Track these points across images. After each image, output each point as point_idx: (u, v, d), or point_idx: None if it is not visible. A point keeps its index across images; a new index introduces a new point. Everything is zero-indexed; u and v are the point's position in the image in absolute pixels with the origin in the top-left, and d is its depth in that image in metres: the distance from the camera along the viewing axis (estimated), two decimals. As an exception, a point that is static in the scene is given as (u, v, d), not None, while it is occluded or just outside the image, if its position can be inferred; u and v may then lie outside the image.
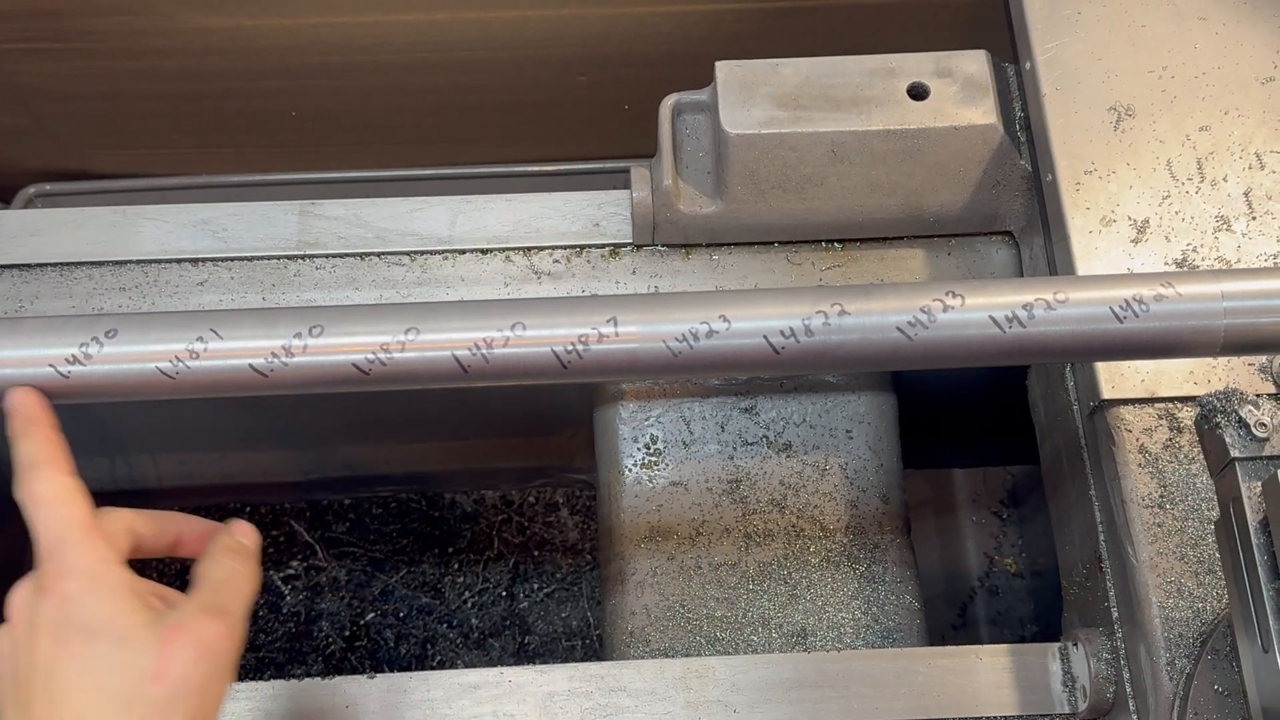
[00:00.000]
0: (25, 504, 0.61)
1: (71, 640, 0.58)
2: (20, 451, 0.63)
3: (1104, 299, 0.64)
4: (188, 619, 0.59)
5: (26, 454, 0.62)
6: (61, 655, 0.57)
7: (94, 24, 1.17)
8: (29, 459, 0.62)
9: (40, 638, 0.58)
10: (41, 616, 0.58)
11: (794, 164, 0.89)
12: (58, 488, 0.61)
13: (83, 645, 0.57)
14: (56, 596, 0.58)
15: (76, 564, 0.59)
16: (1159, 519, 0.76)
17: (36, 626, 0.58)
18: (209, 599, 0.61)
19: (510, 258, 0.94)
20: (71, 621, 0.58)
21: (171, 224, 0.94)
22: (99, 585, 0.59)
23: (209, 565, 0.63)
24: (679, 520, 0.91)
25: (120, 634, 0.58)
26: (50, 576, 0.59)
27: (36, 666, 0.58)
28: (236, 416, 1.13)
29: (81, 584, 0.59)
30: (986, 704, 0.80)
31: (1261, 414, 0.64)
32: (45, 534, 0.60)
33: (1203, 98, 0.88)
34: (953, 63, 0.90)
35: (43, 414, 0.64)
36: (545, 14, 1.18)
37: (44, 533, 0.60)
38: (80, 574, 0.59)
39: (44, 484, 0.61)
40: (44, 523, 0.61)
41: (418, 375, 0.65)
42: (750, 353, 0.65)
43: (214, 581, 0.62)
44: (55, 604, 0.58)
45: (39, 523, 0.61)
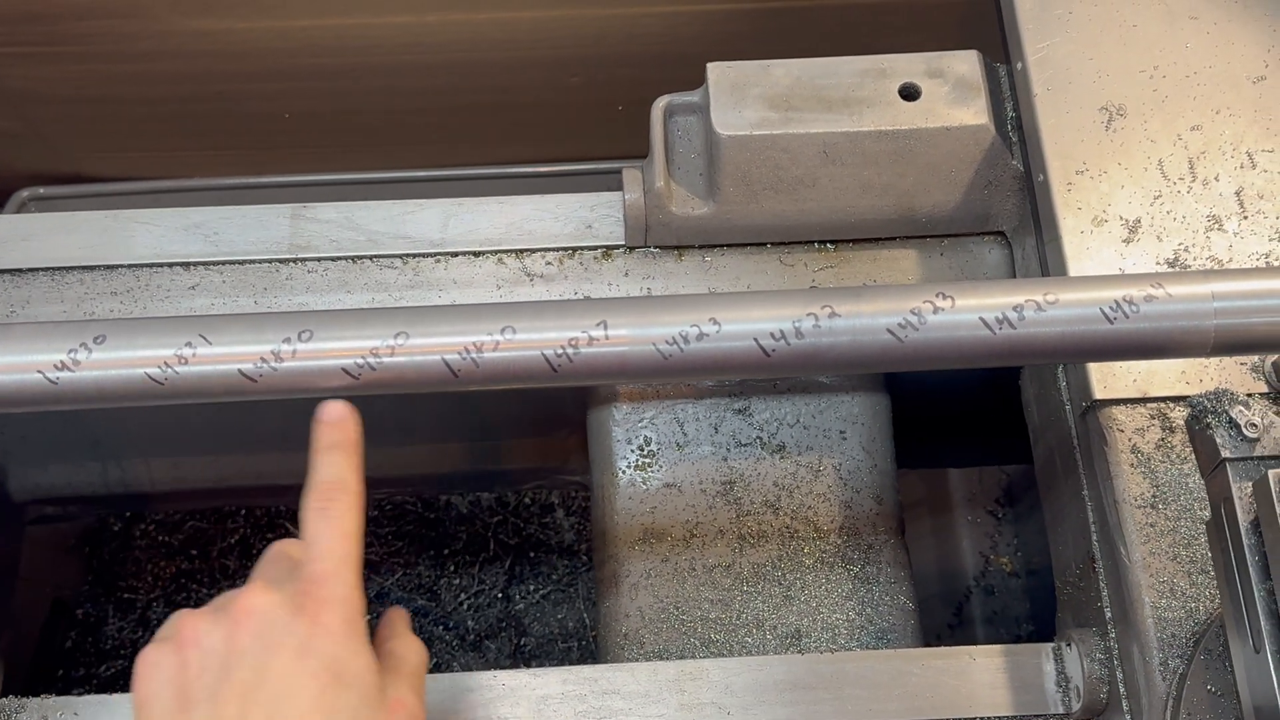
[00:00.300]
0: (314, 519, 0.61)
1: (320, 675, 0.57)
2: (327, 465, 0.63)
3: (1094, 300, 0.64)
4: (406, 697, 0.61)
5: (335, 473, 0.63)
6: (305, 683, 0.57)
7: (85, 27, 1.17)
8: (336, 479, 0.62)
9: (282, 654, 0.57)
10: (292, 635, 0.58)
11: (786, 165, 0.89)
12: (356, 522, 0.62)
13: (329, 683, 0.57)
14: (314, 625, 0.58)
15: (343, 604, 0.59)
16: (1151, 519, 0.76)
17: (281, 642, 0.57)
18: (416, 683, 0.63)
19: (503, 260, 0.94)
20: (323, 656, 0.58)
21: (163, 228, 0.94)
22: (357, 634, 0.59)
23: (407, 646, 0.64)
24: (673, 522, 0.91)
25: (365, 690, 0.58)
26: (312, 600, 0.59)
27: (267, 680, 0.57)
28: (230, 420, 1.13)
29: (343, 624, 0.59)
30: (980, 704, 0.80)
31: (1252, 414, 0.64)
32: (322, 558, 0.60)
33: (1194, 97, 0.88)
34: (944, 63, 0.90)
35: (359, 436, 0.64)
36: (537, 15, 1.18)
37: (321, 557, 0.60)
38: (344, 614, 0.59)
39: (345, 512, 0.62)
40: (328, 548, 0.60)
41: (407, 380, 0.65)
42: (741, 355, 0.65)
43: (414, 665, 0.64)
44: (310, 631, 0.58)
45: (322, 545, 0.60)
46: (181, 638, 0.60)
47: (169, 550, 1.49)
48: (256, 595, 0.59)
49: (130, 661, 1.42)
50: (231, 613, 0.59)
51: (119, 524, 1.49)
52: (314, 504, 0.62)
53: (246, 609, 0.59)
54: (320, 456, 0.63)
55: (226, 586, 1.46)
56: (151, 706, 0.58)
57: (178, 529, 1.50)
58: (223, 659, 0.58)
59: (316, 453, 0.63)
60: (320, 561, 0.60)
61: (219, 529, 1.50)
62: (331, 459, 0.63)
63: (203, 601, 1.48)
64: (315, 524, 0.61)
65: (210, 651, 0.58)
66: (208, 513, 1.51)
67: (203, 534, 1.50)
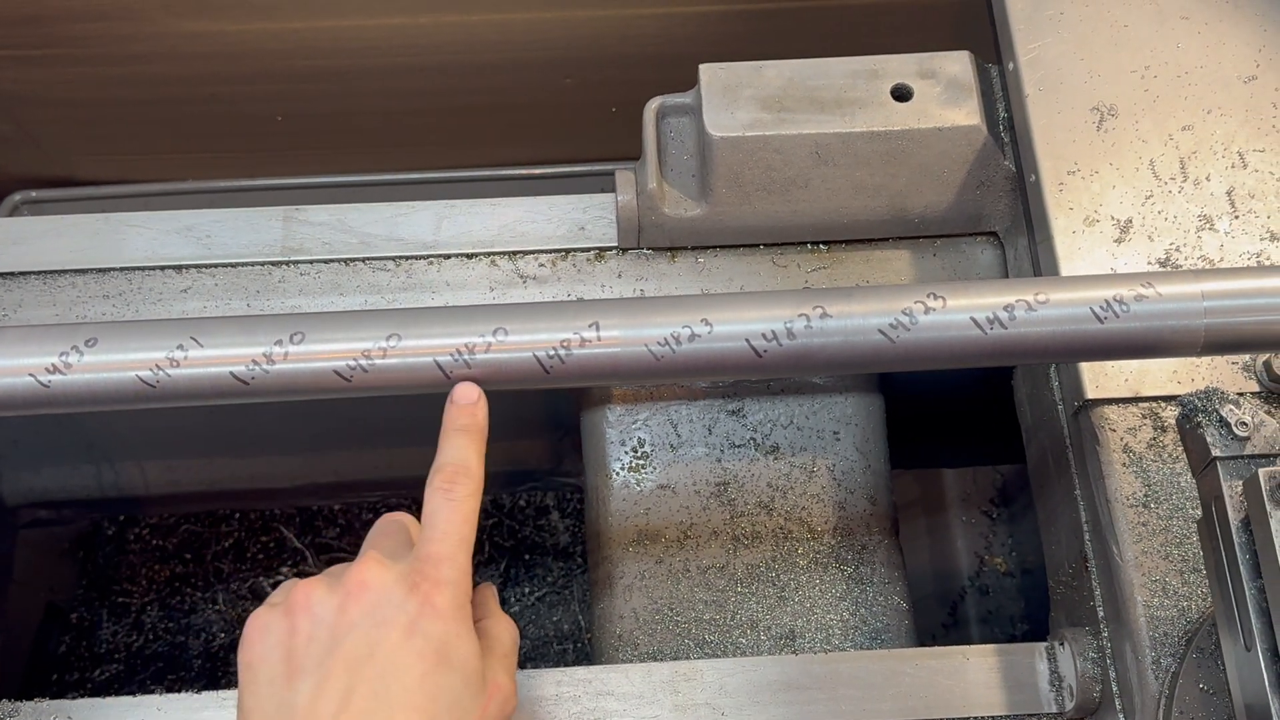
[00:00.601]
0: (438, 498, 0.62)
1: (428, 655, 0.58)
2: (455, 448, 0.64)
3: (1084, 299, 0.64)
4: (502, 679, 0.62)
5: (462, 455, 0.64)
6: (412, 662, 0.57)
7: (77, 30, 1.17)
8: (462, 461, 0.63)
9: (392, 631, 0.58)
10: (403, 612, 0.58)
11: (778, 166, 0.89)
12: (474, 508, 0.63)
13: (436, 664, 0.58)
14: (427, 604, 0.59)
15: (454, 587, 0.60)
16: (1143, 518, 0.76)
17: (392, 619, 0.58)
18: (509, 663, 0.64)
19: (496, 262, 0.94)
20: (431, 637, 0.58)
21: (155, 231, 0.94)
22: (465, 617, 0.60)
23: (500, 625, 0.65)
24: (667, 523, 0.91)
25: (468, 674, 0.59)
26: (426, 580, 0.59)
27: (375, 654, 0.57)
28: (224, 423, 1.13)
29: (453, 606, 0.59)
30: (974, 704, 0.80)
31: (1242, 413, 0.64)
32: (440, 538, 0.61)
33: (1185, 97, 0.88)
34: (936, 64, 0.90)
35: (485, 423, 0.65)
36: (530, 17, 1.18)
37: (439, 536, 0.61)
38: (455, 596, 0.60)
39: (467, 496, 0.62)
40: (446, 530, 0.61)
41: (400, 382, 0.65)
42: (733, 356, 0.65)
43: (507, 646, 0.64)
44: (423, 609, 0.59)
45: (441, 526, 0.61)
46: (293, 603, 0.60)
47: (163, 554, 1.49)
48: (371, 569, 0.60)
49: (124, 665, 1.42)
50: (346, 584, 0.60)
51: (113, 527, 1.49)
52: (439, 484, 0.63)
53: (361, 581, 0.59)
54: (449, 438, 0.64)
55: (221, 590, 1.47)
56: (258, 669, 0.59)
57: (172, 532, 1.50)
58: (333, 629, 0.58)
59: (446, 434, 0.64)
60: (438, 543, 0.61)
61: (213, 532, 1.50)
62: (460, 442, 0.64)
63: (197, 605, 1.48)
64: (438, 504, 0.62)
65: (321, 621, 0.59)
66: (201, 516, 1.51)
67: (197, 537, 1.50)
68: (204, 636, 1.44)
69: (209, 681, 1.42)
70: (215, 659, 1.44)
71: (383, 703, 0.56)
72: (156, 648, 1.44)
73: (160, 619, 1.45)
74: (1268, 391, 0.78)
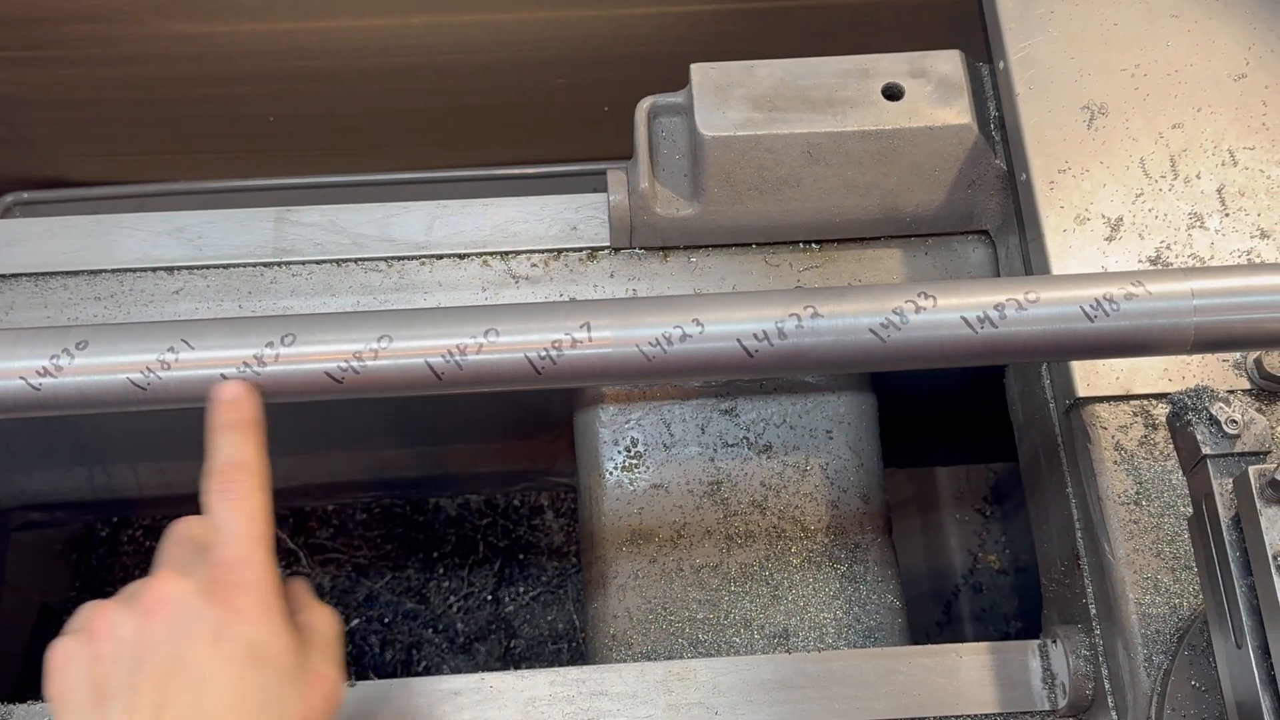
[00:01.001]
0: (218, 501, 0.61)
1: (238, 658, 0.57)
2: (226, 446, 0.62)
3: (1075, 298, 0.64)
4: (324, 669, 0.61)
5: (234, 453, 0.62)
6: (223, 670, 0.57)
7: (68, 31, 1.17)
8: (236, 459, 0.62)
9: (197, 642, 0.57)
10: (204, 622, 0.58)
11: (770, 165, 0.89)
12: (261, 502, 0.61)
13: (249, 666, 0.57)
14: (229, 610, 0.58)
15: (256, 585, 0.59)
16: (1135, 516, 0.76)
17: (196, 629, 0.57)
18: (331, 653, 0.62)
19: (488, 262, 0.94)
20: (241, 640, 0.58)
21: (147, 232, 0.94)
22: (273, 614, 0.59)
23: (319, 618, 0.64)
24: (660, 523, 0.91)
25: (285, 670, 0.58)
26: (224, 586, 0.59)
27: (184, 670, 0.57)
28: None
29: (258, 606, 0.59)
30: (967, 702, 0.81)
31: (1232, 411, 0.64)
32: (231, 542, 0.60)
33: (1175, 95, 0.88)
34: (927, 63, 0.90)
35: (258, 416, 0.63)
36: (522, 17, 1.18)
37: (230, 540, 0.60)
38: (259, 596, 0.59)
39: (249, 493, 0.61)
40: (234, 531, 0.60)
41: (391, 383, 0.65)
42: (724, 356, 0.65)
43: (328, 635, 0.63)
44: (225, 616, 0.58)
45: (227, 527, 0.60)
46: (93, 630, 0.59)
47: (156, 555, 1.49)
48: (167, 583, 0.59)
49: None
50: (143, 602, 0.59)
51: (106, 529, 1.49)
52: (216, 487, 0.61)
53: (158, 598, 0.59)
54: (218, 437, 0.62)
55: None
56: (66, 700, 0.58)
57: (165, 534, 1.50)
58: (136, 649, 0.58)
59: (213, 433, 0.62)
60: (229, 546, 0.60)
61: (207, 533, 1.50)
62: (230, 439, 0.62)
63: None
64: (219, 507, 0.61)
65: (123, 642, 0.58)
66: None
67: (191, 538, 1.50)
68: (198, 638, 1.44)
69: (203, 683, 1.42)
70: (209, 660, 1.43)
71: (197, 713, 0.56)
72: (150, 649, 1.44)
73: (154, 621, 1.45)
74: (1258, 389, 0.78)
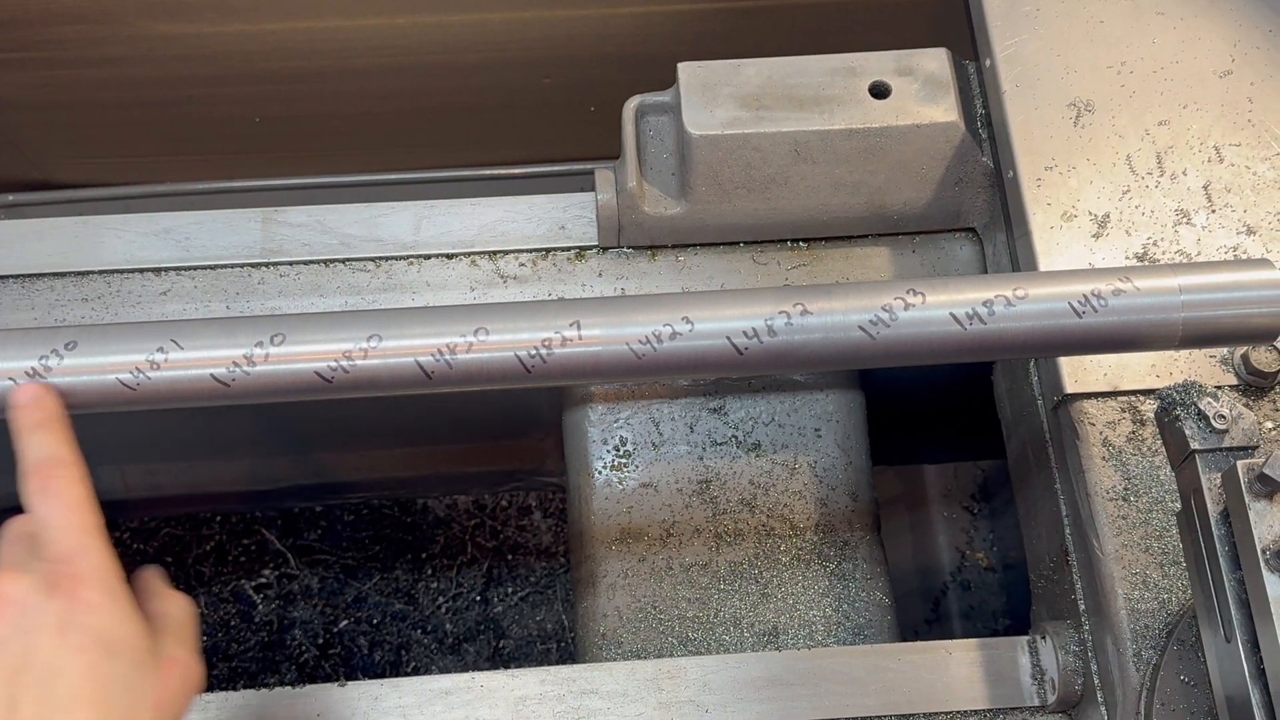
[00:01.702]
0: (39, 500, 0.60)
1: (88, 649, 0.57)
2: (35, 446, 0.62)
3: (1063, 294, 0.64)
4: (179, 654, 0.60)
5: (45, 450, 0.62)
6: (72, 661, 0.57)
7: (54, 33, 1.16)
8: (49, 455, 0.61)
9: (43, 636, 0.57)
10: (48, 616, 0.57)
11: (757, 164, 0.89)
12: (82, 492, 0.61)
13: (99, 656, 0.57)
14: (73, 601, 0.58)
15: (96, 574, 0.59)
16: (1123, 511, 0.76)
17: (39, 625, 0.57)
18: (184, 636, 0.62)
19: (476, 262, 0.94)
20: (89, 630, 0.57)
21: (134, 233, 0.93)
22: (118, 601, 0.59)
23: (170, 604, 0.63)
24: (649, 521, 0.91)
25: (135, 655, 0.58)
26: (65, 579, 0.58)
27: (32, 664, 0.56)
28: (204, 425, 1.12)
29: (102, 594, 0.58)
30: (957, 698, 0.81)
31: (1220, 406, 0.64)
32: (61, 536, 0.59)
33: (1161, 92, 0.89)
34: (914, 61, 0.90)
35: (61, 411, 0.63)
36: (509, 17, 1.18)
37: (60, 535, 0.60)
38: (100, 585, 0.59)
39: (68, 486, 0.61)
40: (62, 525, 0.60)
41: (381, 382, 0.64)
42: (714, 354, 0.65)
43: (180, 620, 0.63)
44: (69, 608, 0.58)
45: (55, 523, 0.60)
46: None
47: (144, 557, 1.48)
48: (6, 582, 0.59)
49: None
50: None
51: (94, 532, 1.48)
52: (33, 486, 0.61)
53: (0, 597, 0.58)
54: (25, 439, 0.62)
55: (203, 593, 1.46)
56: None
57: (153, 536, 1.49)
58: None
59: (19, 436, 0.62)
60: (60, 540, 0.59)
61: (194, 535, 1.49)
62: (38, 438, 0.62)
63: (179, 608, 1.47)
64: (41, 505, 0.60)
65: None
66: (183, 519, 1.50)
67: (178, 540, 1.49)
68: (186, 640, 1.44)
69: (192, 686, 1.42)
70: (198, 663, 1.43)
71: (50, 706, 0.56)
72: (138, 652, 1.43)
73: (142, 623, 1.44)
74: (1245, 384, 0.79)
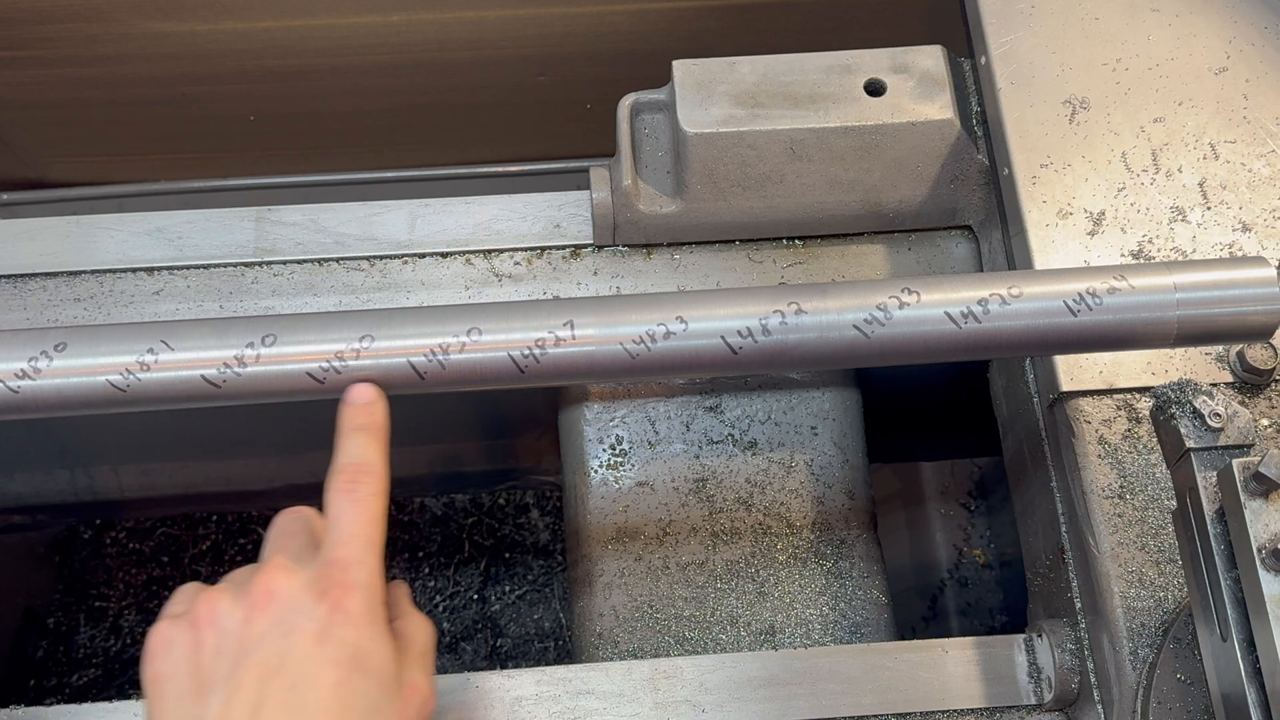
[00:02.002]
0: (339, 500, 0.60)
1: (341, 662, 0.56)
2: (354, 447, 0.62)
3: (1058, 293, 0.64)
4: (419, 680, 0.60)
5: (362, 455, 0.62)
6: (326, 673, 0.56)
7: (46, 31, 1.16)
8: (363, 460, 0.62)
9: (302, 641, 0.56)
10: (312, 621, 0.57)
11: (753, 162, 0.89)
12: (380, 507, 0.61)
13: (350, 671, 0.56)
14: (336, 611, 0.57)
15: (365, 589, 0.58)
16: (1119, 509, 0.76)
17: (301, 627, 0.56)
18: (426, 663, 0.62)
19: (471, 261, 0.94)
20: (346, 644, 0.56)
21: (126, 233, 0.93)
22: (377, 622, 0.58)
23: (415, 625, 0.63)
24: (646, 520, 0.91)
25: (384, 678, 0.57)
26: (335, 587, 0.58)
27: (286, 664, 0.55)
28: (199, 425, 1.12)
29: (365, 611, 0.58)
30: (954, 697, 0.81)
31: (1216, 404, 0.64)
32: (347, 541, 0.59)
33: (1156, 89, 0.88)
34: (909, 58, 0.90)
35: (385, 421, 0.63)
36: (503, 14, 1.18)
37: (345, 540, 0.59)
38: (366, 601, 0.58)
39: (370, 496, 0.61)
40: (351, 531, 0.59)
41: (374, 383, 0.64)
42: (708, 353, 0.65)
43: (423, 645, 0.63)
44: (333, 615, 0.57)
45: (345, 526, 0.60)
46: (197, 616, 0.58)
47: (140, 558, 1.48)
48: (278, 576, 0.58)
49: (102, 671, 1.41)
50: (252, 593, 0.58)
51: (89, 532, 1.48)
52: (341, 485, 0.61)
53: (267, 590, 0.58)
54: (347, 438, 0.62)
55: (199, 593, 1.46)
56: (164, 685, 0.57)
57: (148, 536, 1.49)
58: (240, 641, 0.57)
59: (343, 434, 0.63)
60: (345, 545, 0.59)
61: (190, 535, 1.49)
62: (358, 441, 0.62)
63: (175, 608, 1.46)
64: (341, 505, 0.60)
65: (228, 633, 0.57)
66: (178, 519, 1.50)
67: (174, 540, 1.49)
68: (182, 640, 1.43)
69: (188, 685, 1.41)
70: (194, 663, 1.43)
71: (296, 713, 0.54)
72: (134, 652, 1.43)
73: (138, 623, 1.44)
74: (1241, 382, 0.79)
